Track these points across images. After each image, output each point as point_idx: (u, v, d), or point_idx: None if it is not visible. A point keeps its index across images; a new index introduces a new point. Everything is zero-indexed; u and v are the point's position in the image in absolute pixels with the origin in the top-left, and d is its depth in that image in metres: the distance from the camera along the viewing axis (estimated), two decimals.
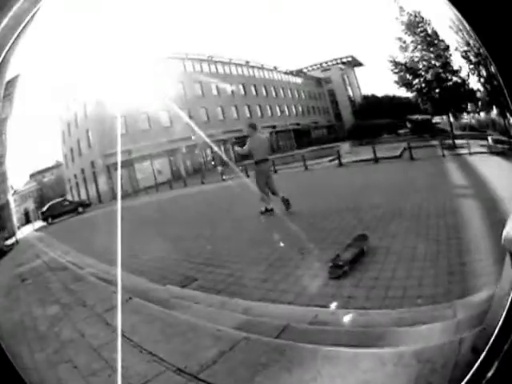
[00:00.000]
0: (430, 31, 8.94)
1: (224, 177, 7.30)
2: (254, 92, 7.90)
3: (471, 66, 8.31)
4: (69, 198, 8.00)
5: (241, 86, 8.19)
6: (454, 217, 5.05)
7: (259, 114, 7.40)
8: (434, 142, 7.93)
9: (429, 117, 8.46)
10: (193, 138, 7.20)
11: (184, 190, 7.79)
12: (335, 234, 5.31)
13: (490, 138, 6.80)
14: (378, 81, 7.36)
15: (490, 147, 6.93)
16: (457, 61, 7.28)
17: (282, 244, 5.21)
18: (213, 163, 8.00)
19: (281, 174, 7.50)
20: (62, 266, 5.61)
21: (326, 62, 8.67)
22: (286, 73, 8.49)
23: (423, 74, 8.94)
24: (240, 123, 7.90)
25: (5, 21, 1.58)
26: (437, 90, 8.50)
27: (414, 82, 9.13)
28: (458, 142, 7.94)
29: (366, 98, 7.92)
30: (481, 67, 7.09)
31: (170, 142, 7.84)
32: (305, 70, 8.97)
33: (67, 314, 4.18)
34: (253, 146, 6.91)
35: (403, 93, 7.63)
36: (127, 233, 3.39)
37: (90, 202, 7.85)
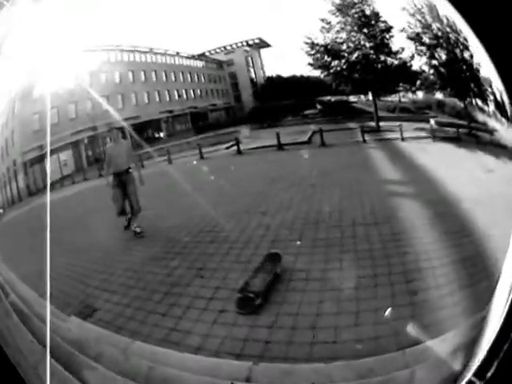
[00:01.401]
0: (368, 12, 8.04)
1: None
2: (154, 78, 7.07)
3: (421, 48, 7.42)
4: None
5: (142, 73, 7.36)
6: (392, 225, 4.06)
7: (157, 98, 6.54)
8: (351, 125, 6.90)
9: (344, 98, 7.57)
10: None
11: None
12: (237, 251, 4.19)
13: (432, 121, 5.76)
14: (287, 63, 6.31)
15: (434, 131, 5.41)
16: (398, 42, 6.38)
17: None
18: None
19: (176, 163, 6.12)
20: None
21: (231, 45, 8.08)
22: (187, 57, 7.61)
23: (346, 55, 8.06)
24: (138, 110, 7.01)
25: None
26: (360, 72, 7.69)
27: (333, 64, 8.25)
28: (383, 124, 6.87)
29: (269, 79, 7.01)
30: (437, 49, 6.24)
31: (74, 134, 7.12)
32: (207, 54, 8.21)
33: None
34: (111, 155, 5.96)
35: (316, 74, 6.66)
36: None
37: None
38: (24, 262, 3.95)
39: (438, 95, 6.59)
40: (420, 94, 7.00)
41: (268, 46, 7.82)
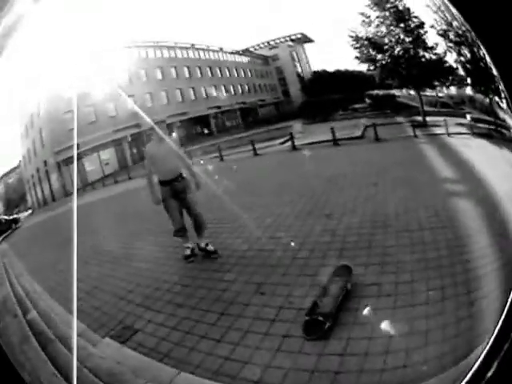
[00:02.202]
0: (401, 7, 7.61)
1: None
2: (198, 74, 6.60)
3: (450, 44, 6.87)
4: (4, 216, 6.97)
5: (185, 69, 6.93)
6: (455, 229, 3.41)
7: (204, 95, 5.97)
8: (400, 119, 6.35)
9: (392, 92, 7.02)
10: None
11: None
12: (301, 261, 3.44)
13: (468, 116, 5.24)
14: (332, 58, 5.75)
15: (472, 127, 5.35)
16: (431, 38, 5.93)
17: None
18: None
19: (227, 161, 5.36)
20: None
21: (274, 41, 7.72)
22: (231, 53, 7.16)
23: (389, 49, 7.55)
24: (184, 106, 6.54)
25: None
26: (404, 65, 7.17)
27: (379, 58, 7.73)
28: (428, 119, 6.34)
29: (316, 73, 6.48)
30: (462, 47, 5.79)
31: (116, 132, 6.67)
32: (251, 49, 7.84)
33: None
34: (152, 160, 4.26)
35: (362, 68, 6.12)
36: None
37: (19, 218, 6.79)
38: (54, 272, 3.45)
39: (469, 91, 6.16)
40: (453, 89, 6.54)
41: (311, 40, 7.52)
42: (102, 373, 2.35)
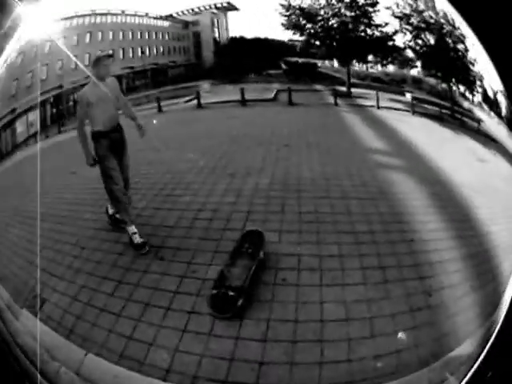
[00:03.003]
0: None
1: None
2: (120, 37, 6.26)
3: (406, 27, 6.76)
4: None
5: (110, 33, 6.56)
6: (390, 203, 3.16)
7: (121, 56, 5.63)
8: (319, 87, 6.05)
9: (313, 61, 6.74)
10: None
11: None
12: (203, 223, 2.99)
13: (408, 95, 4.99)
14: (255, 27, 5.43)
15: (413, 105, 4.66)
16: (383, 17, 5.72)
17: None
18: None
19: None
20: None
21: (200, 7, 7.41)
22: (155, 18, 6.82)
23: (323, 20, 7.21)
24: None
25: None
26: (335, 37, 6.88)
27: (308, 26, 7.38)
28: (354, 90, 6.09)
29: (232, 39, 6.19)
30: (426, 33, 5.72)
31: (43, 94, 6.24)
32: (175, 15, 7.50)
33: None
34: (88, 106, 3.48)
35: (286, 36, 5.81)
36: None
37: None
38: None
39: (413, 71, 6.06)
40: (391, 68, 6.39)
41: (236, 9, 7.34)
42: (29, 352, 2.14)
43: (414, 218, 2.91)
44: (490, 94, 3.64)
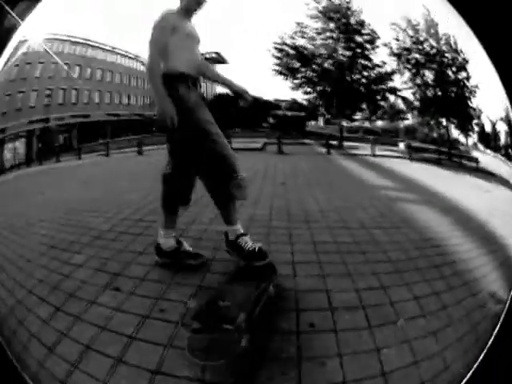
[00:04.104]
0: (353, 21, 6.91)
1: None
2: (108, 78, 5.91)
3: (405, 65, 6.48)
4: None
5: (99, 71, 6.23)
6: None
7: (107, 101, 5.30)
8: (309, 141, 5.75)
9: (302, 113, 6.36)
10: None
11: None
12: None
13: (402, 144, 4.73)
14: (244, 78, 5.07)
15: (409, 153, 4.37)
16: (381, 56, 5.46)
17: None
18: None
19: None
20: None
21: None
22: (144, 63, 6.44)
23: (318, 62, 6.87)
24: (89, 108, 5.89)
25: None
26: (330, 82, 6.54)
27: (301, 70, 6.99)
28: (347, 144, 5.79)
29: (219, 96, 5.85)
30: (425, 70, 5.46)
31: (30, 123, 5.85)
32: None
33: None
34: (174, 27, 2.30)
35: (277, 84, 5.47)
36: None
37: None
38: None
39: (406, 122, 5.88)
40: (379, 123, 6.18)
41: (224, 62, 7.07)
42: None
43: (446, 241, 2.60)
44: (488, 127, 3.54)
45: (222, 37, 5.20)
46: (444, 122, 6.71)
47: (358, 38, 6.39)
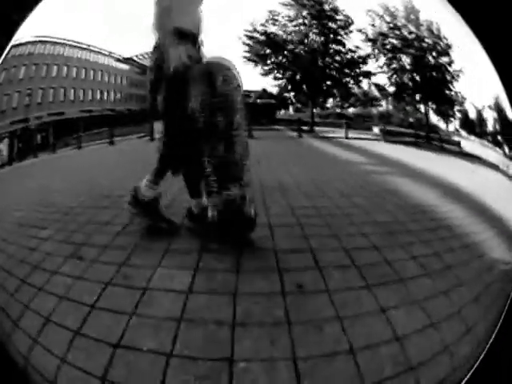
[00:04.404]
0: (328, 7, 6.59)
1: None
2: (83, 75, 5.62)
3: (381, 50, 6.08)
4: None
5: (74, 69, 5.97)
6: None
7: (81, 97, 4.99)
8: (278, 127, 5.52)
9: (273, 101, 6.07)
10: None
11: None
12: None
13: (376, 129, 4.48)
14: None
15: (384, 136, 4.02)
16: (355, 42, 5.16)
17: None
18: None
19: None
20: None
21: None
22: (117, 59, 6.29)
23: (289, 47, 6.54)
24: (64, 106, 5.68)
25: None
26: (302, 66, 6.25)
27: (273, 55, 6.65)
28: (317, 129, 5.54)
29: None
30: (403, 55, 5.12)
31: (12, 124, 5.72)
32: (135, 57, 7.02)
33: None
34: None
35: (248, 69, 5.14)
36: None
37: None
38: None
39: (380, 108, 5.71)
40: (352, 109, 6.00)
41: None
42: None
43: (436, 208, 2.29)
44: (473, 114, 3.15)
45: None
46: (422, 107, 6.51)
47: (332, 25, 6.17)
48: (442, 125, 4.52)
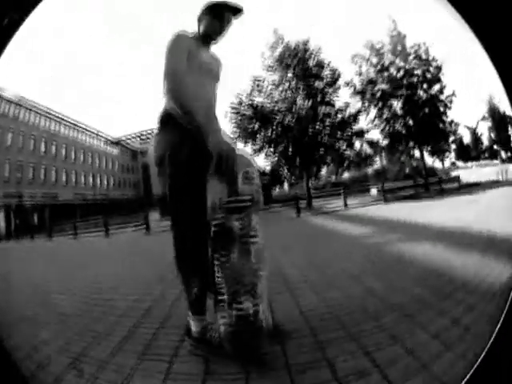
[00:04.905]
0: (311, 63, 6.89)
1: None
2: (73, 156, 5.95)
3: (371, 100, 6.32)
4: None
5: (64, 148, 6.30)
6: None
7: (73, 180, 5.25)
8: (275, 208, 5.67)
9: (265, 180, 6.29)
10: None
11: None
12: None
13: (374, 190, 4.65)
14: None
15: (383, 195, 4.98)
16: (343, 97, 5.37)
17: None
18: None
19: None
20: None
21: (147, 133, 7.44)
22: (106, 140, 6.81)
23: (278, 118, 6.66)
24: (56, 188, 6.08)
25: None
26: (293, 138, 6.30)
27: (262, 131, 6.78)
28: (315, 203, 5.74)
29: None
30: (393, 100, 5.26)
31: (5, 197, 6.18)
32: (123, 140, 7.62)
33: None
34: (190, 50, 1.57)
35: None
36: None
37: None
38: None
39: (375, 165, 5.99)
40: (346, 174, 6.31)
41: None
42: None
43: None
44: (467, 138, 3.93)
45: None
46: (417, 152, 6.35)
47: (318, 83, 6.17)
48: (438, 164, 4.58)
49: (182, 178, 1.43)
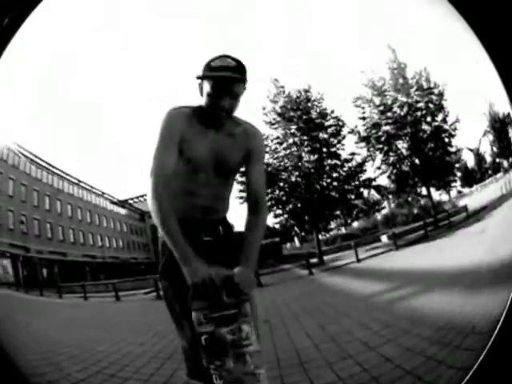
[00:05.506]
0: (314, 115, 6.97)
1: None
2: (79, 216, 5.98)
3: (377, 146, 6.39)
4: None
5: (69, 206, 6.31)
6: None
7: (81, 240, 5.25)
8: (287, 266, 5.77)
9: (276, 239, 6.29)
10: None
11: None
12: None
13: (384, 237, 4.75)
14: None
15: (394, 242, 4.78)
16: (349, 146, 5.53)
17: None
18: None
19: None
20: None
21: None
22: (112, 201, 6.87)
23: (284, 177, 6.69)
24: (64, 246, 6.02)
25: None
26: (300, 195, 6.32)
27: (269, 190, 6.82)
28: (327, 258, 5.81)
29: None
30: (399, 141, 6.05)
31: (11, 246, 5.95)
32: (130, 201, 7.75)
33: None
34: (183, 136, 1.41)
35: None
36: None
37: None
38: None
39: (383, 211, 6.02)
40: (356, 224, 6.27)
41: None
42: None
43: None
44: (471, 161, 3.61)
45: None
46: (424, 190, 6.38)
47: (323, 135, 6.26)
48: (444, 196, 4.63)
49: (170, 292, 1.41)
